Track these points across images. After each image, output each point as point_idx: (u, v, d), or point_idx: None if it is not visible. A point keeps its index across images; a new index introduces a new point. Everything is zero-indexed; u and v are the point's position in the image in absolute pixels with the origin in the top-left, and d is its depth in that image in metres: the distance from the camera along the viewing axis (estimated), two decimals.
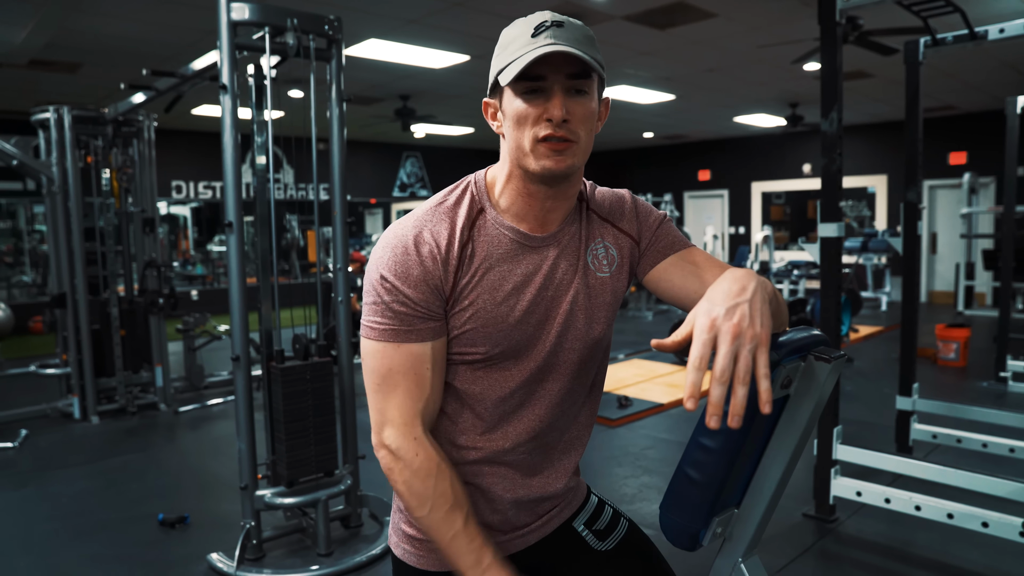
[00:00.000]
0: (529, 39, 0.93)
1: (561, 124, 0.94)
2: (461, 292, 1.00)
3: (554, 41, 0.92)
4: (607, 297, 1.08)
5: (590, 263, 1.07)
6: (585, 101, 0.96)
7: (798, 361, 0.93)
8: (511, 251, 1.02)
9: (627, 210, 1.12)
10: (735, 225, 12.81)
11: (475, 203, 1.04)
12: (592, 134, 1.00)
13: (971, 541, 2.72)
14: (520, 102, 0.95)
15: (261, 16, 2.62)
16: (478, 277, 1.00)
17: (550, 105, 0.94)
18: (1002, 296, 5.38)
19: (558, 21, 0.94)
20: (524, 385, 1.05)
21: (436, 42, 5.85)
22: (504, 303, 1.01)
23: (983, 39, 3.24)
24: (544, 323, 1.04)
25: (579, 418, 1.14)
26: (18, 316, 8.71)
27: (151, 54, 5.85)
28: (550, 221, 1.04)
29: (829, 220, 2.92)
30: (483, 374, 1.04)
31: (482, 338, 1.01)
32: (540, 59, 0.91)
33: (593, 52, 0.95)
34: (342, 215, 2.92)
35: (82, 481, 3.67)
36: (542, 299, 1.03)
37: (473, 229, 1.02)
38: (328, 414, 2.83)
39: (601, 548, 1.17)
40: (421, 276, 0.97)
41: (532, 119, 0.95)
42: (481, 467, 1.08)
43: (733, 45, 6.12)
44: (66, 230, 4.60)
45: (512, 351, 1.03)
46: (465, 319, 1.00)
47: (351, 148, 11.50)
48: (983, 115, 9.63)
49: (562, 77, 0.94)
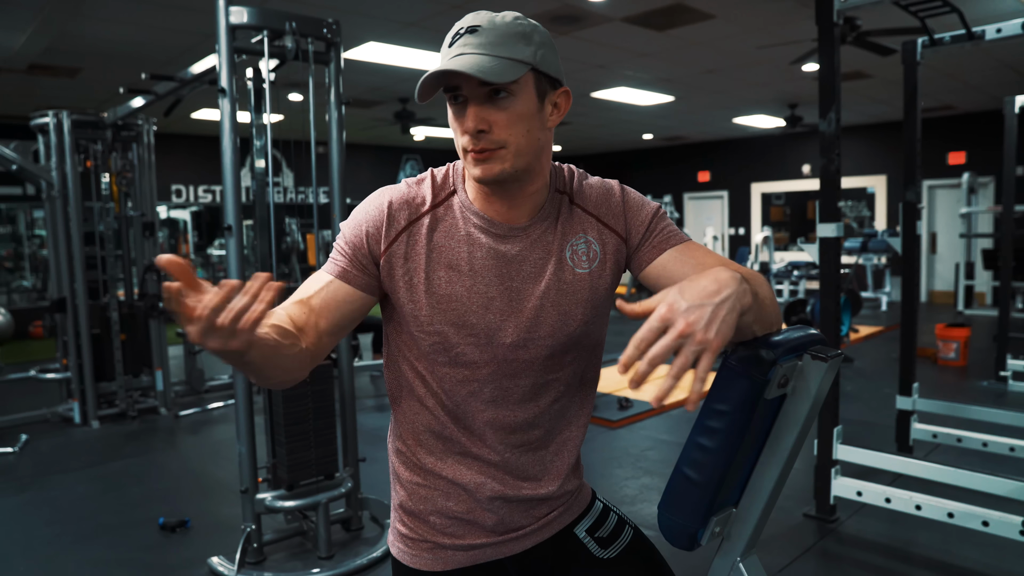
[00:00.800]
0: (446, 48, 0.94)
1: (478, 135, 0.93)
2: (405, 256, 1.01)
3: (460, 52, 0.92)
4: (584, 294, 1.05)
5: (568, 258, 1.05)
6: (509, 104, 0.93)
7: (795, 360, 0.93)
8: (474, 234, 1.03)
9: (615, 204, 1.08)
10: (735, 226, 12.81)
11: (448, 184, 1.06)
12: (532, 134, 0.96)
13: (972, 540, 2.72)
14: (450, 110, 0.97)
15: (259, 20, 2.63)
16: (434, 250, 1.02)
17: (466, 116, 0.94)
18: (1002, 295, 5.38)
19: (473, 27, 0.93)
20: (493, 379, 1.04)
21: (435, 45, 5.86)
22: (459, 282, 1.01)
23: (980, 39, 3.24)
24: (509, 314, 1.02)
25: (567, 417, 1.12)
26: (18, 321, 8.71)
27: (150, 58, 5.86)
28: (515, 216, 1.03)
29: (828, 220, 2.92)
30: (451, 371, 1.04)
31: (438, 315, 1.01)
32: (443, 74, 0.91)
33: (512, 52, 0.92)
34: (342, 218, 2.93)
35: (82, 486, 3.67)
36: (505, 288, 1.02)
37: (439, 207, 1.04)
38: (328, 417, 2.83)
39: (603, 556, 1.14)
40: (360, 222, 1.03)
41: (459, 129, 0.96)
42: (468, 464, 1.08)
43: (732, 46, 6.12)
44: (66, 234, 4.61)
45: (473, 338, 1.02)
46: (417, 290, 1.01)
47: (351, 151, 11.50)
48: (982, 115, 9.63)
49: (475, 85, 0.92)
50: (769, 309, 0.94)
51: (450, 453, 1.08)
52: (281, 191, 10.36)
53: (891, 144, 10.51)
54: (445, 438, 1.07)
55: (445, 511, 1.09)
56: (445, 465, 1.08)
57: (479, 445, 1.07)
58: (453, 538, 1.10)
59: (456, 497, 1.09)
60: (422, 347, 1.04)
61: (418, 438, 1.09)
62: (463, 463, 1.08)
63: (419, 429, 1.09)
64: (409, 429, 1.10)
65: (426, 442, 1.09)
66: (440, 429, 1.07)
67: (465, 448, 1.07)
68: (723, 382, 0.93)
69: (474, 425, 1.06)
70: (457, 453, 1.08)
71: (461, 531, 1.10)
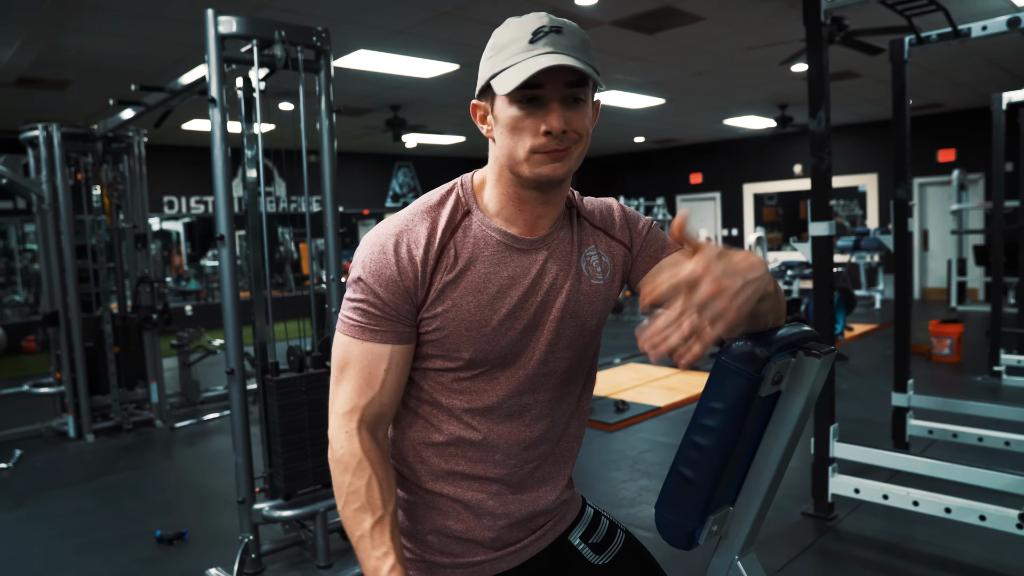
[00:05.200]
0: (527, 44, 0.91)
1: (562, 136, 0.93)
2: (440, 293, 0.98)
3: (553, 49, 0.90)
4: (599, 305, 1.07)
5: (584, 270, 1.06)
6: (582, 109, 0.95)
7: (788, 357, 0.93)
8: (497, 253, 1.01)
9: (618, 218, 1.11)
10: (728, 227, 12.85)
11: (460, 205, 1.03)
12: (588, 137, 0.99)
13: (969, 534, 2.73)
14: (515, 110, 0.93)
15: (248, 29, 2.63)
16: (460, 277, 0.98)
17: (549, 117, 0.92)
18: (994, 291, 5.40)
19: (556, 26, 0.92)
20: (513, 395, 1.03)
21: (425, 52, 5.87)
22: (488, 306, 0.99)
23: (967, 37, 3.27)
24: (533, 329, 1.02)
25: (569, 429, 1.12)
26: (11, 336, 8.66)
27: (140, 70, 5.85)
28: (540, 226, 1.03)
29: (820, 219, 2.93)
30: (470, 385, 1.02)
31: (465, 342, 0.99)
32: (544, 71, 0.89)
33: (589, 58, 0.93)
34: (334, 226, 2.92)
35: (78, 500, 3.64)
36: (530, 304, 1.01)
37: (457, 230, 1.01)
38: (324, 425, 2.81)
39: (598, 562, 1.14)
40: (394, 277, 0.97)
41: (529, 130, 0.93)
42: (471, 483, 1.06)
43: (721, 48, 6.16)
44: (57, 248, 4.59)
45: (498, 358, 1.01)
46: (446, 320, 0.98)
47: (343, 159, 11.50)
48: (970, 112, 9.70)
49: (560, 86, 0.92)
50: (781, 304, 0.97)
51: (452, 470, 1.06)
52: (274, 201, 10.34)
53: (882, 142, 10.56)
54: (449, 455, 1.05)
55: (443, 529, 1.08)
56: (446, 483, 1.06)
57: (486, 461, 1.05)
58: (451, 556, 1.09)
59: (455, 515, 1.07)
60: (441, 369, 1.02)
61: (419, 455, 1.07)
62: (465, 480, 1.06)
63: (420, 446, 1.06)
64: (409, 446, 1.08)
65: (428, 460, 1.06)
66: (445, 446, 1.05)
67: (470, 464, 1.05)
68: (717, 380, 0.93)
69: (486, 441, 1.04)
70: (460, 470, 1.06)
71: (459, 549, 1.08)
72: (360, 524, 0.95)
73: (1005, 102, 5.20)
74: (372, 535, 0.94)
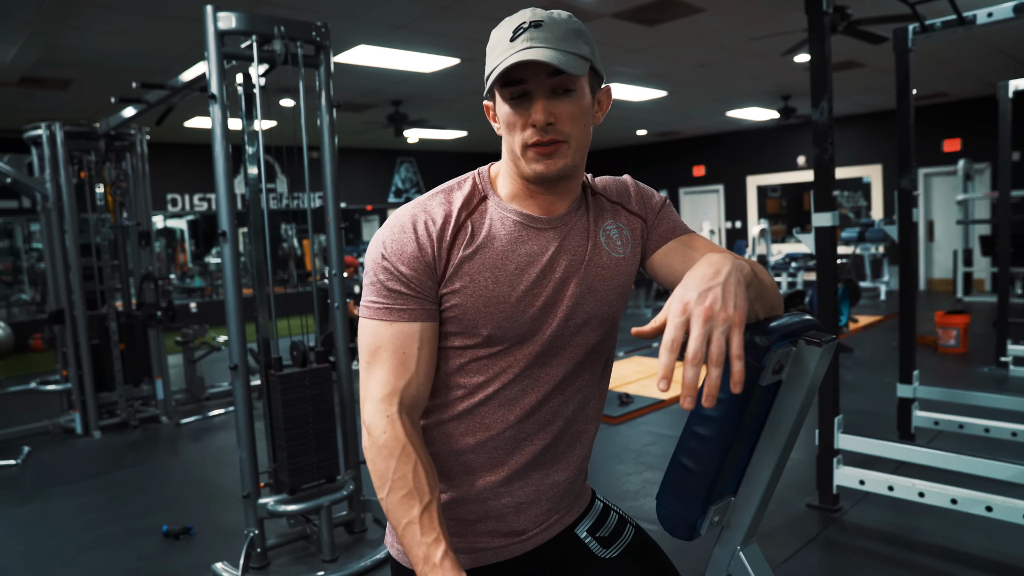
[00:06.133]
0: (508, 43, 0.93)
1: (546, 128, 0.94)
2: (458, 268, 0.99)
3: (530, 44, 0.91)
4: (620, 279, 1.08)
5: (604, 244, 1.07)
6: (573, 99, 0.96)
7: (789, 346, 0.93)
8: (515, 232, 1.02)
9: (633, 192, 1.13)
10: (732, 220, 12.81)
11: (477, 191, 1.05)
12: (587, 129, 0.99)
13: (975, 526, 2.72)
14: (507, 107, 0.97)
15: (248, 25, 2.62)
16: (477, 253, 1.00)
17: (533, 110, 0.94)
18: (1000, 281, 5.38)
19: (536, 21, 0.93)
20: (527, 369, 1.03)
21: (425, 46, 5.86)
22: (507, 282, 1.00)
23: (972, 24, 3.24)
24: (552, 306, 1.02)
25: (587, 411, 1.12)
26: (18, 334, 8.70)
27: (142, 68, 5.85)
28: (556, 208, 1.05)
29: (823, 209, 2.92)
30: (488, 362, 1.02)
31: (483, 318, 0.99)
32: (515, 66, 0.91)
33: (576, 47, 0.93)
34: (336, 222, 2.92)
35: (85, 496, 3.66)
36: (549, 281, 1.02)
37: (474, 212, 1.03)
38: (328, 420, 2.83)
39: (605, 556, 1.13)
40: (415, 253, 0.98)
41: (519, 125, 0.96)
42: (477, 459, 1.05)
43: (723, 39, 6.12)
44: (62, 246, 4.60)
45: (517, 336, 1.01)
46: (465, 296, 0.99)
47: (345, 156, 11.50)
48: (976, 101, 9.63)
49: (542, 79, 0.93)
50: (770, 291, 0.97)
51: (462, 449, 1.05)
52: (277, 197, 10.35)
53: (886, 133, 10.51)
54: (459, 435, 1.05)
55: (449, 512, 1.07)
56: (454, 463, 1.06)
57: (495, 438, 1.04)
58: (457, 539, 1.08)
59: (461, 497, 1.06)
60: (459, 347, 1.02)
61: (429, 435, 1.06)
62: (475, 460, 1.05)
63: (430, 426, 1.06)
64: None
65: (436, 439, 1.05)
66: (457, 423, 1.04)
67: (481, 442, 1.04)
68: None
69: (496, 419, 1.04)
70: (470, 449, 1.05)
71: (465, 532, 1.08)
72: (408, 511, 0.93)
73: (1012, 90, 5.15)
74: (421, 522, 0.92)
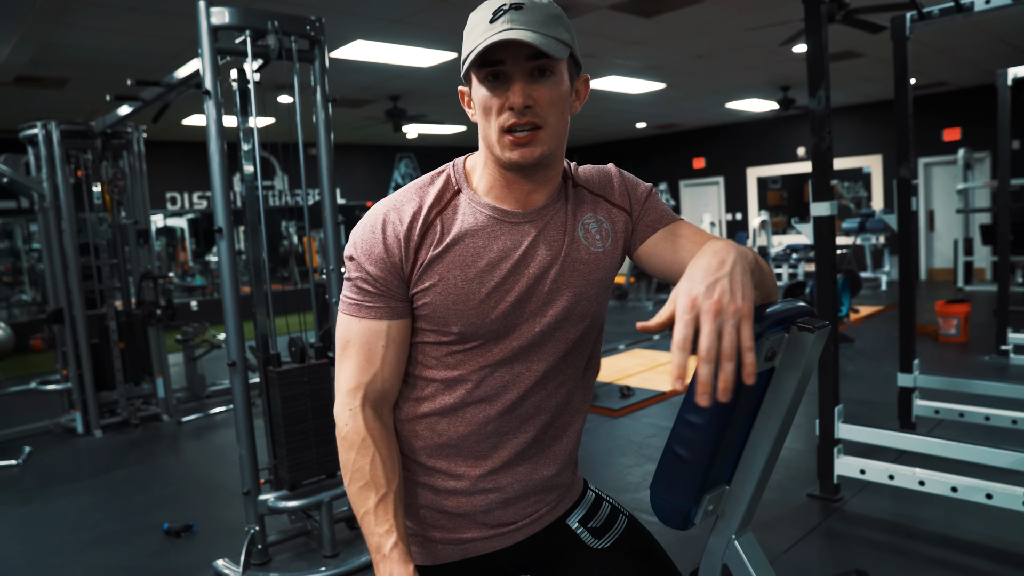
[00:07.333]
0: (487, 25, 0.92)
1: (524, 111, 0.93)
2: (426, 268, 0.99)
3: (510, 26, 0.90)
4: (600, 274, 1.06)
5: (582, 238, 1.05)
6: (552, 83, 0.94)
7: (781, 333, 0.92)
8: (488, 227, 1.01)
9: (616, 184, 1.10)
10: (732, 211, 12.79)
11: (451, 185, 1.04)
12: (564, 116, 0.98)
13: (976, 514, 2.72)
14: (484, 90, 0.95)
15: (241, 20, 2.61)
16: (446, 252, 0.99)
17: (511, 92, 0.93)
18: (1001, 270, 5.36)
19: (517, 3, 0.92)
20: (505, 364, 1.03)
21: (422, 40, 5.84)
22: (476, 279, 0.99)
23: (970, 11, 3.22)
24: (526, 301, 1.01)
25: (573, 405, 1.11)
26: (19, 335, 8.70)
27: (137, 66, 5.84)
28: (532, 200, 1.03)
29: (821, 199, 2.91)
30: (464, 357, 1.02)
31: (453, 316, 0.99)
32: (495, 46, 0.90)
33: (556, 32, 0.92)
34: (333, 217, 2.91)
35: (87, 495, 3.67)
36: (522, 276, 1.01)
37: (445, 208, 1.01)
38: (327, 415, 2.82)
39: (597, 546, 1.13)
40: (382, 255, 0.99)
41: (496, 108, 0.94)
42: (463, 456, 1.05)
43: (721, 30, 6.09)
44: (60, 245, 4.60)
45: (491, 332, 1.01)
46: (435, 295, 0.99)
47: (344, 151, 11.48)
48: (976, 90, 9.60)
49: (522, 61, 0.92)
50: (768, 277, 0.95)
51: (445, 443, 1.05)
52: (276, 194, 10.34)
53: (885, 123, 10.47)
54: (442, 429, 1.05)
55: (436, 505, 1.08)
56: (439, 457, 1.06)
57: (477, 432, 1.04)
58: (444, 531, 1.09)
59: (448, 489, 1.07)
60: (434, 343, 1.02)
61: (413, 429, 1.06)
62: (457, 453, 1.05)
63: (413, 420, 1.06)
64: (402, 419, 1.07)
65: (421, 433, 1.06)
66: (439, 418, 1.05)
67: (464, 436, 1.04)
68: None
69: (479, 412, 1.04)
70: (453, 442, 1.05)
71: (452, 524, 1.08)
72: (365, 501, 0.97)
73: (1011, 78, 5.13)
74: (376, 512, 0.97)
